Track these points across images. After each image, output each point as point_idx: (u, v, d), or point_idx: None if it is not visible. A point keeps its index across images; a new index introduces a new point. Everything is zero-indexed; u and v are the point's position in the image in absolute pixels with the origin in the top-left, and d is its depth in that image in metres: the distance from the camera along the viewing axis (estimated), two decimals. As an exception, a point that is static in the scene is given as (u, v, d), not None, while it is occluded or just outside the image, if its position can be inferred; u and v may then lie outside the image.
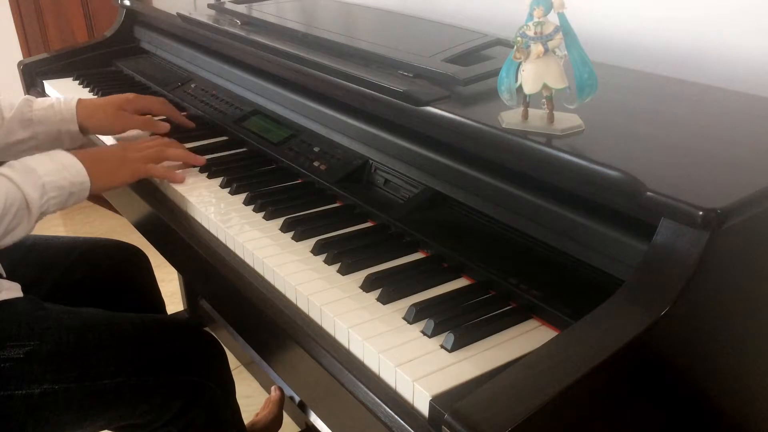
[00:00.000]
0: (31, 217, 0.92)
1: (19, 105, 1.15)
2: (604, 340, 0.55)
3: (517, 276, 0.73)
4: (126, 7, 1.66)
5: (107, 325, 1.01)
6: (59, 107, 1.17)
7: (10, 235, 0.90)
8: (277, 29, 1.23)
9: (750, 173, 0.65)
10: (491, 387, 0.54)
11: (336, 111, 1.03)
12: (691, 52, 1.02)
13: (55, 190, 0.94)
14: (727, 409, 0.73)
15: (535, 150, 0.71)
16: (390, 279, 0.76)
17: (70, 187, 0.95)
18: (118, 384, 0.96)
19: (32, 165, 0.93)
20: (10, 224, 0.89)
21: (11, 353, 0.91)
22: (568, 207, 0.71)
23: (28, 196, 0.91)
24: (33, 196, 0.91)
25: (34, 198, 0.91)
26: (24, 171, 0.92)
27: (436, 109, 0.83)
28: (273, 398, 1.60)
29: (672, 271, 0.58)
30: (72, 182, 0.96)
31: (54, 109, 1.16)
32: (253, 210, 0.94)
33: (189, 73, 1.46)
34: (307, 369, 0.72)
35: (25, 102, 1.15)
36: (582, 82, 0.70)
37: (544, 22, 0.69)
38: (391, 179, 0.94)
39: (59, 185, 0.94)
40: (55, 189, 0.94)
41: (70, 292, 1.18)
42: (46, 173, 0.93)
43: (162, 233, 1.04)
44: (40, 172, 0.93)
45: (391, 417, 0.61)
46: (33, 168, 0.93)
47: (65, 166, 0.96)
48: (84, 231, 2.72)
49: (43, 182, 0.92)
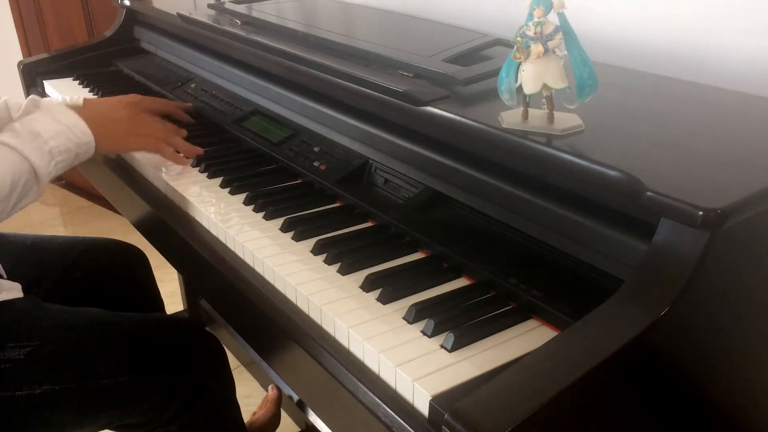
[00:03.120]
0: (40, 185, 0.91)
1: (26, 105, 1.14)
2: (604, 340, 0.55)
3: (517, 276, 0.73)
4: (126, 7, 1.66)
5: (107, 325, 1.01)
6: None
7: (19, 203, 0.90)
8: (277, 29, 1.23)
9: (750, 173, 0.65)
10: (491, 387, 0.54)
11: (336, 111, 1.03)
12: (691, 52, 1.02)
13: (62, 153, 0.92)
14: (728, 409, 0.73)
15: (535, 150, 0.71)
16: (390, 279, 0.76)
17: (76, 149, 0.94)
18: (119, 383, 0.96)
19: (37, 128, 0.91)
20: (20, 195, 0.89)
21: (12, 354, 0.91)
22: (568, 207, 0.71)
23: (36, 165, 0.89)
24: (40, 164, 0.90)
25: (41, 166, 0.90)
26: (29, 137, 0.90)
27: (436, 109, 0.83)
28: (270, 397, 1.60)
29: (672, 271, 0.58)
30: (78, 143, 0.94)
31: None
32: (253, 210, 0.94)
33: (189, 73, 1.46)
34: (307, 369, 0.72)
35: (32, 102, 1.15)
36: (582, 82, 0.70)
37: (544, 22, 0.69)
38: (391, 179, 0.94)
39: (65, 148, 0.93)
40: (62, 153, 0.92)
41: (70, 291, 1.18)
42: (51, 137, 0.91)
43: (162, 233, 1.04)
44: (46, 137, 0.91)
45: (391, 417, 0.61)
46: (38, 132, 0.91)
47: (69, 126, 0.94)
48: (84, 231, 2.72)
49: (50, 147, 0.91)
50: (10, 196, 0.87)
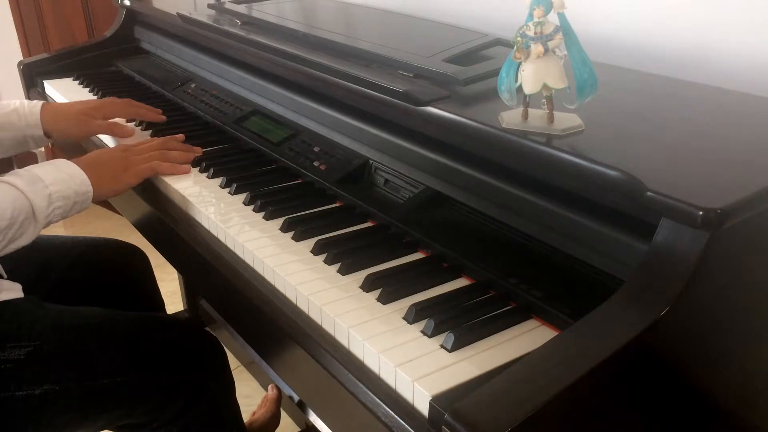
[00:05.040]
0: (37, 226, 0.92)
1: None
2: (604, 340, 0.55)
3: (517, 276, 0.73)
4: (126, 7, 1.66)
5: (107, 325, 1.01)
6: (23, 112, 1.18)
7: (14, 243, 0.90)
8: (277, 29, 1.23)
9: (750, 173, 0.65)
10: (491, 387, 0.54)
11: (336, 111, 1.03)
12: (691, 52, 1.02)
13: (61, 199, 0.94)
14: (728, 408, 0.73)
15: (535, 150, 0.71)
16: (390, 279, 0.76)
17: (74, 197, 0.96)
18: (119, 384, 0.96)
19: (38, 174, 0.93)
20: (16, 233, 0.89)
21: (12, 354, 0.91)
22: (568, 207, 0.71)
23: (36, 205, 0.91)
24: (40, 205, 0.91)
25: (41, 207, 0.91)
26: (30, 180, 0.92)
27: (436, 109, 0.83)
28: (270, 397, 1.60)
29: (672, 271, 0.58)
30: (76, 192, 0.96)
31: (18, 113, 1.17)
32: (253, 210, 0.94)
33: (189, 73, 1.46)
34: (307, 369, 0.72)
35: None
36: (582, 82, 0.70)
37: (544, 22, 0.69)
38: (391, 179, 0.94)
39: (65, 195, 0.94)
40: (61, 199, 0.94)
41: (70, 291, 1.18)
42: (52, 182, 0.93)
43: (162, 233, 1.04)
44: (47, 182, 0.93)
45: (391, 417, 0.61)
46: (39, 177, 0.93)
47: (70, 176, 0.96)
48: (84, 231, 2.72)
49: (50, 192, 0.93)
50: (7, 231, 0.88)
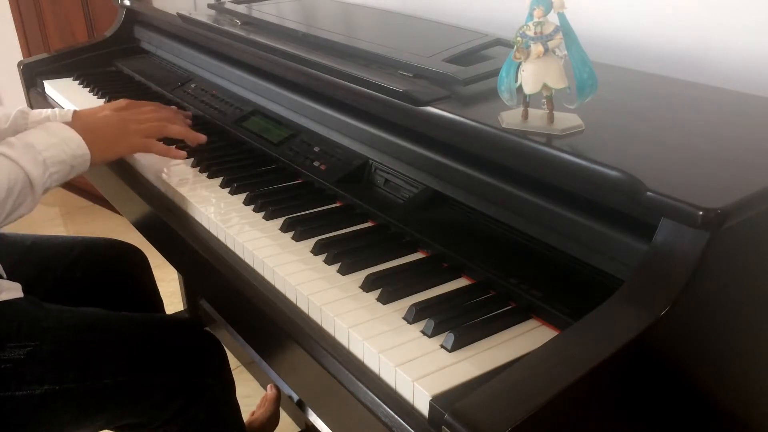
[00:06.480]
0: (35, 194, 0.91)
1: (14, 116, 1.14)
2: (604, 340, 0.55)
3: (517, 276, 0.73)
4: (126, 7, 1.66)
5: (107, 325, 1.01)
6: (54, 119, 1.17)
7: (15, 213, 0.90)
8: (277, 29, 1.23)
9: (750, 173, 0.65)
10: (491, 387, 0.54)
11: (336, 111, 1.03)
12: (691, 52, 1.02)
13: (57, 164, 0.93)
14: (728, 408, 0.73)
15: (535, 150, 0.71)
16: (390, 279, 0.76)
17: (71, 161, 0.95)
18: (119, 383, 0.96)
19: (30, 140, 0.92)
20: (14, 203, 0.89)
21: (12, 354, 0.91)
22: (568, 207, 0.71)
23: (30, 174, 0.90)
24: (35, 173, 0.90)
25: (36, 175, 0.90)
26: (23, 148, 0.91)
27: (436, 109, 0.83)
28: (269, 396, 1.60)
29: (672, 271, 0.58)
30: (72, 155, 0.95)
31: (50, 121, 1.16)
32: (253, 210, 0.94)
33: (189, 73, 1.46)
34: (307, 369, 0.72)
35: (21, 114, 1.15)
36: (582, 82, 0.70)
37: (544, 22, 0.69)
38: (391, 179, 0.94)
39: (60, 159, 0.93)
40: (56, 164, 0.93)
41: (70, 291, 1.18)
42: (45, 148, 0.92)
43: (162, 233, 1.04)
44: (39, 147, 0.92)
45: (390, 417, 0.61)
46: (31, 143, 0.92)
47: (64, 139, 0.95)
48: (84, 231, 2.72)
49: (44, 158, 0.91)
50: (5, 203, 0.87)
